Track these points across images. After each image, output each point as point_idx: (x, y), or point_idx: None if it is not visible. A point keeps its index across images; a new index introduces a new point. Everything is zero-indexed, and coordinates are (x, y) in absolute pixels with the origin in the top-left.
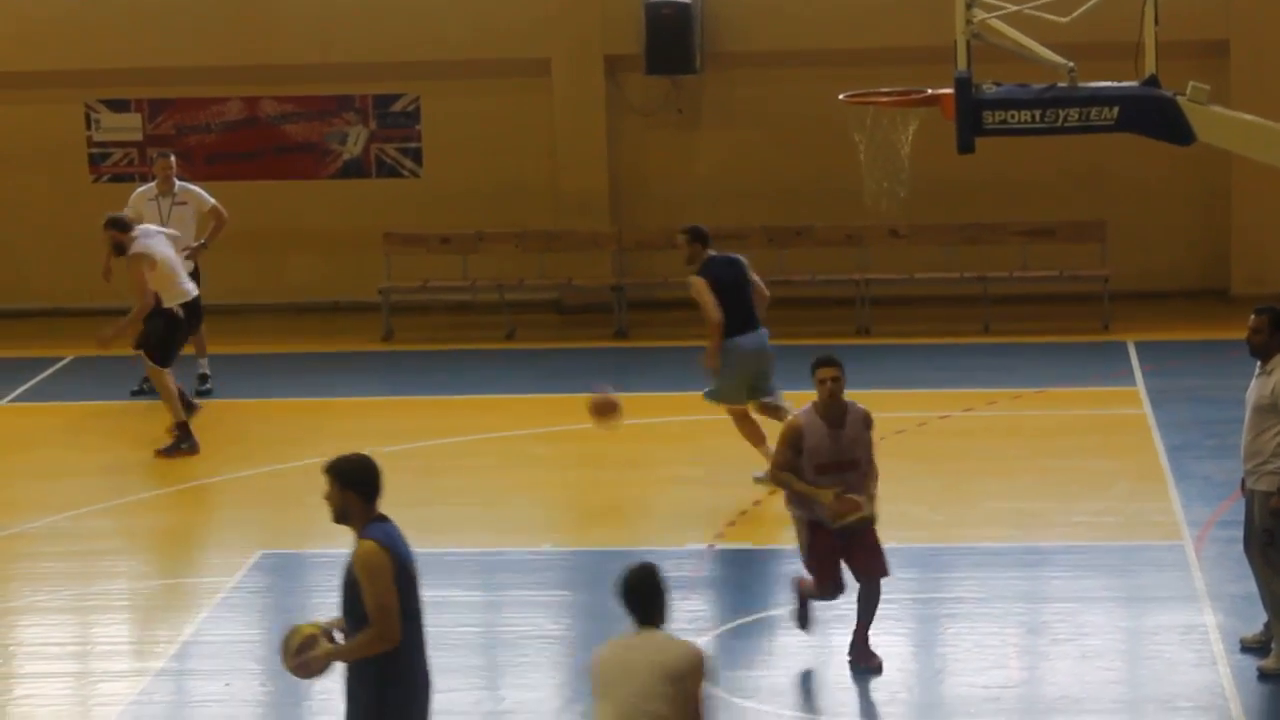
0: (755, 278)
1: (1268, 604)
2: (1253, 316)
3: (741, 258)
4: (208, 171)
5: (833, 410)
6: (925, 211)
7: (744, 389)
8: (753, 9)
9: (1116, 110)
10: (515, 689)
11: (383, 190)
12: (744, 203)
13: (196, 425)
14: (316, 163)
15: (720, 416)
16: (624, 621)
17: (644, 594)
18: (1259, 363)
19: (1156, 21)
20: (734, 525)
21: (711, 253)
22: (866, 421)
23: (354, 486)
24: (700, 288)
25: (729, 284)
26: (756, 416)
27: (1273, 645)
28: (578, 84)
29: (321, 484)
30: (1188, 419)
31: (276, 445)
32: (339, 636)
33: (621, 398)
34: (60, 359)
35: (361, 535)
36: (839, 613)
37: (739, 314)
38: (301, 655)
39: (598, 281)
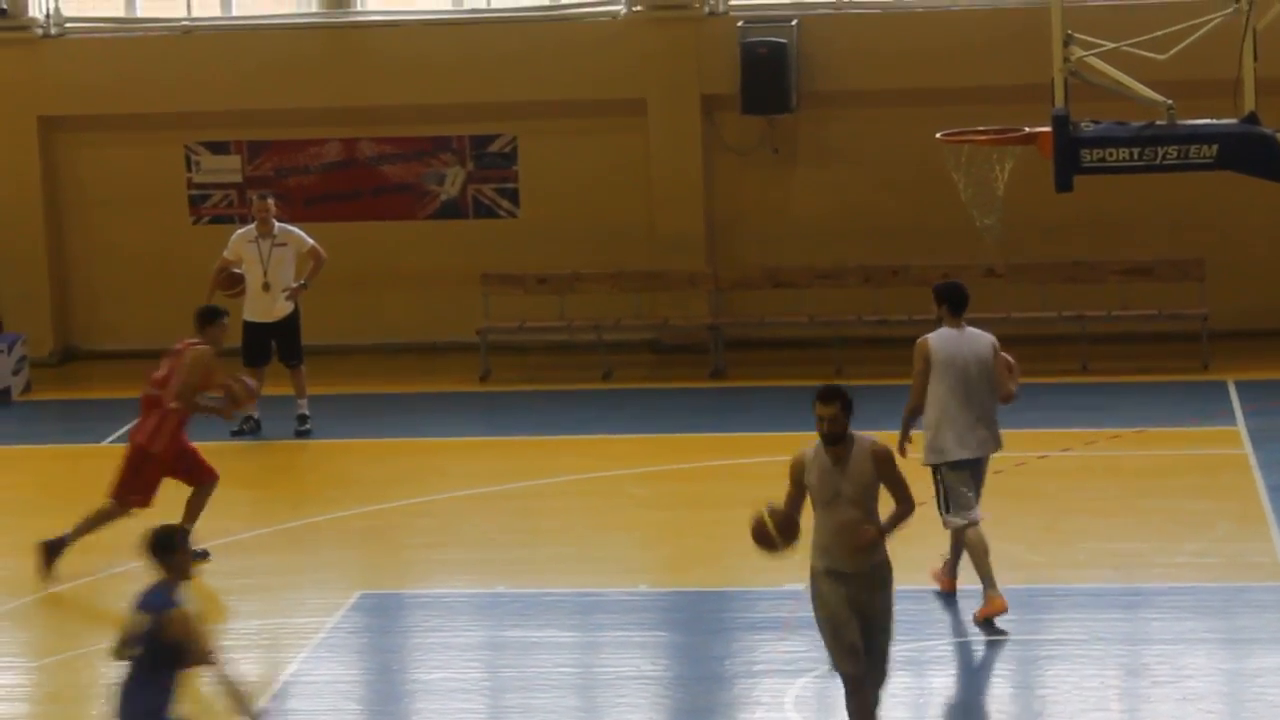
0: None
1: None
2: None
3: None
4: (306, 213)
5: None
6: (1023, 250)
7: None
8: (848, 48)
9: (1215, 148)
10: None
11: (480, 230)
12: (840, 242)
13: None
14: (414, 203)
15: None
16: (718, 662)
17: (955, 295)
18: None
19: (1255, 58)
20: None
21: None
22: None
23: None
24: None
25: None
26: None
27: None
28: (674, 124)
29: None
30: None
31: (375, 485)
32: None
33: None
34: None
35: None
36: (938, 654)
37: None
38: None
39: (694, 321)
